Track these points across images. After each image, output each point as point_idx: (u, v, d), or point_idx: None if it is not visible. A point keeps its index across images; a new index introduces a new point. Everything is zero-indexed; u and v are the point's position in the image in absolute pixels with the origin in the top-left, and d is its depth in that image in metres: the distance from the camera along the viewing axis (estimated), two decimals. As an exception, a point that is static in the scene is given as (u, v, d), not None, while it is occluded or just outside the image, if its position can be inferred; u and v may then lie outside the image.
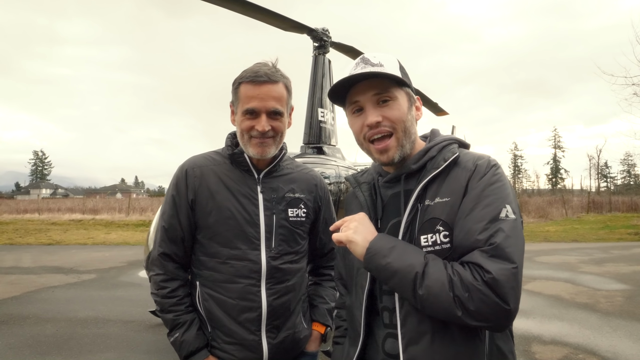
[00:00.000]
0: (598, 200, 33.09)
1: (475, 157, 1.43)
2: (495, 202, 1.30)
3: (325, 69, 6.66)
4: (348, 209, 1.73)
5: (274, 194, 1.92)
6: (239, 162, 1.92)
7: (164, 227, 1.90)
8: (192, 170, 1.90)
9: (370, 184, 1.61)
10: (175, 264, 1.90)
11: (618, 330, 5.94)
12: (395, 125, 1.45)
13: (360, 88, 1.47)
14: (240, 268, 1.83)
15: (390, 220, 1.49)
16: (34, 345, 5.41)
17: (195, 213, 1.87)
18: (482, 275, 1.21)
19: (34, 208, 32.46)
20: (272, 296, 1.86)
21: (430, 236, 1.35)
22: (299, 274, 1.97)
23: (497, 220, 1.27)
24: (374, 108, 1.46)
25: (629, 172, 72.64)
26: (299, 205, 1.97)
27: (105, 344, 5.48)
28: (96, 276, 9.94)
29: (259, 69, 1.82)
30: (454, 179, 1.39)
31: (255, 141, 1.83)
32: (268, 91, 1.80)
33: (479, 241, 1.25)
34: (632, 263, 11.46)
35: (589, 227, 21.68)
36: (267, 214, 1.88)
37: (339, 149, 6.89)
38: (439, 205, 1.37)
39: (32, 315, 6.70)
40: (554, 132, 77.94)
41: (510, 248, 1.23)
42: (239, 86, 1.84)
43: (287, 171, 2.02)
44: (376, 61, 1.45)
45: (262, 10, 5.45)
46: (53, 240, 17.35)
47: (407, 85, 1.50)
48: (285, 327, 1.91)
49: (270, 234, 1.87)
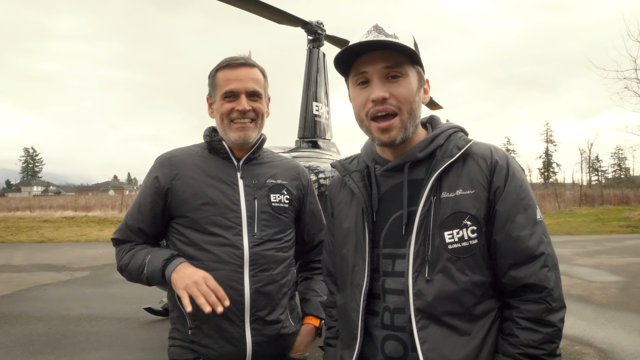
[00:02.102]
0: (590, 193, 33.31)
1: (489, 147, 1.39)
2: (530, 203, 1.33)
3: (319, 63, 6.59)
4: (334, 199, 1.62)
5: (254, 180, 1.86)
6: (217, 150, 1.87)
7: (125, 222, 1.91)
8: (169, 160, 1.86)
9: (362, 173, 1.48)
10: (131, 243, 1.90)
11: (613, 322, 5.97)
12: (401, 105, 1.33)
13: (370, 58, 1.32)
14: (221, 254, 1.75)
15: (392, 213, 1.39)
16: (25, 344, 5.33)
17: (172, 203, 1.82)
18: (548, 304, 1.27)
19: (25, 205, 32.19)
20: (255, 284, 1.77)
21: (456, 232, 1.29)
22: (284, 264, 1.88)
23: (536, 222, 1.32)
24: (382, 82, 1.33)
25: (619, 165, 73.17)
26: (282, 191, 1.91)
27: (99, 342, 5.42)
28: (89, 273, 9.86)
29: (235, 56, 1.83)
30: (473, 170, 1.33)
31: (235, 125, 1.79)
32: (246, 73, 1.80)
33: (529, 248, 1.29)
34: (625, 255, 11.54)
35: (581, 220, 21.81)
36: (249, 199, 1.82)
37: (334, 143, 6.84)
38: (463, 198, 1.30)
39: (23, 313, 6.62)
40: (546, 127, 78.31)
41: (554, 257, 1.33)
42: (215, 74, 1.84)
43: (267, 159, 1.97)
44: (391, 32, 1.33)
45: (255, 3, 5.37)
46: (45, 237, 17.20)
47: (419, 63, 1.39)
48: (271, 321, 1.81)
49: (252, 219, 1.81)
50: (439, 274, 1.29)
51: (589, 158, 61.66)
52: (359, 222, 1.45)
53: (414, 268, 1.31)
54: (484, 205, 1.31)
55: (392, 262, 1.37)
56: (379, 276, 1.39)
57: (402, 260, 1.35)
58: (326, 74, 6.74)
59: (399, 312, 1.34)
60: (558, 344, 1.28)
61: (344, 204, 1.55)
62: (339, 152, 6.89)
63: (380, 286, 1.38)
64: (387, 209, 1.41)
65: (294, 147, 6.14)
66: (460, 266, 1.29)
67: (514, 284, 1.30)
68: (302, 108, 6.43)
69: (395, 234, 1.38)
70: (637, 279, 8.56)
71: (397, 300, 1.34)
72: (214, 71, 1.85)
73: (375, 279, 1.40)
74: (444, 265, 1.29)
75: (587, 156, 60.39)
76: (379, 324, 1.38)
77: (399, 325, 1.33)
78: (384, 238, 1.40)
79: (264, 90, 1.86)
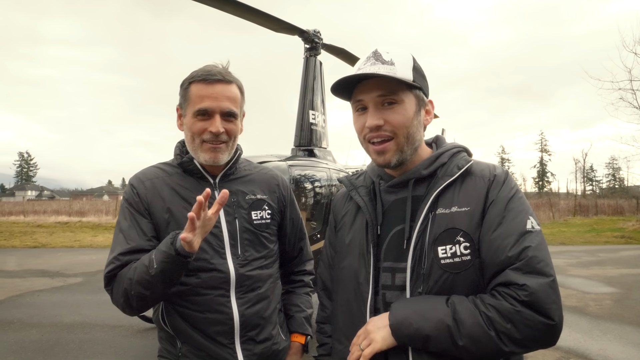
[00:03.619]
0: (584, 203, 33.49)
1: (489, 166, 1.41)
2: (520, 214, 1.29)
3: (316, 71, 6.61)
4: (339, 212, 1.64)
5: (233, 198, 1.78)
6: (190, 170, 1.78)
7: (116, 240, 1.67)
8: (142, 183, 1.75)
9: (368, 188, 1.53)
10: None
11: (608, 334, 5.97)
12: (396, 130, 1.38)
13: (367, 86, 1.39)
14: (206, 279, 1.68)
15: (394, 227, 1.42)
16: (18, 351, 5.29)
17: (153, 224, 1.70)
18: (518, 296, 1.18)
19: (19, 210, 31.96)
20: (243, 306, 1.72)
21: (449, 247, 1.30)
22: (270, 280, 1.83)
23: (525, 233, 1.26)
24: (377, 110, 1.38)
25: (614, 175, 73.65)
26: (262, 207, 1.84)
27: (92, 349, 5.38)
28: (83, 280, 9.78)
29: (211, 69, 1.71)
30: (471, 188, 1.35)
31: (207, 146, 1.69)
32: (222, 90, 1.68)
33: (510, 257, 1.23)
34: (619, 266, 11.58)
35: (575, 230, 21.89)
36: (229, 220, 1.75)
37: (330, 152, 6.85)
38: (458, 215, 1.32)
39: (16, 320, 6.56)
40: (541, 136, 78.69)
41: (543, 262, 1.22)
42: (189, 86, 1.71)
43: (244, 173, 1.89)
44: (388, 58, 1.36)
45: (253, 11, 5.40)
46: (39, 243, 17.07)
47: (418, 87, 1.41)
48: (262, 339, 1.77)
49: (234, 240, 1.74)
50: (432, 288, 1.30)
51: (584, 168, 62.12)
52: (362, 236, 1.47)
53: (411, 282, 1.33)
54: (478, 222, 1.31)
55: (391, 275, 1.39)
56: (379, 289, 1.41)
57: (401, 274, 1.36)
58: (322, 83, 6.76)
59: None
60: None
61: (348, 217, 1.58)
62: (334, 160, 6.90)
63: (381, 299, 1.40)
64: (389, 223, 1.44)
65: (290, 156, 6.15)
66: (452, 281, 1.29)
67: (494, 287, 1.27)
68: (298, 116, 6.44)
69: (396, 247, 1.40)
70: (631, 291, 8.59)
71: None
72: (187, 82, 1.72)
73: (376, 292, 1.41)
74: (437, 280, 1.30)
75: (581, 166, 60.84)
76: None
77: None
78: (384, 251, 1.42)
79: (239, 109, 1.76)
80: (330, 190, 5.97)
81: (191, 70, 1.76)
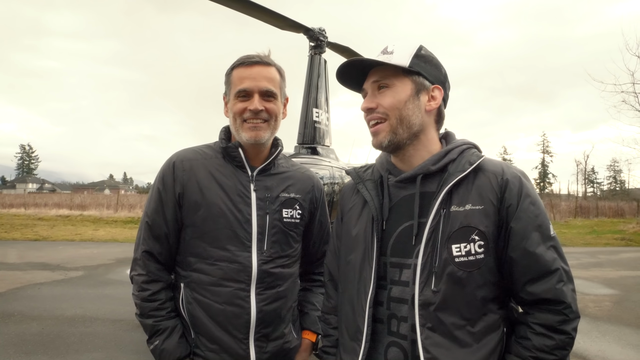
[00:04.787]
0: (585, 205, 33.49)
1: (502, 165, 1.42)
2: (544, 220, 1.35)
3: (321, 69, 6.61)
4: (346, 204, 1.65)
5: (267, 193, 1.80)
6: (232, 157, 1.80)
7: (147, 224, 1.78)
8: (181, 163, 1.79)
9: (376, 182, 1.53)
10: (159, 265, 1.78)
11: (607, 335, 5.99)
12: (388, 112, 1.44)
13: (369, 77, 1.49)
14: (229, 271, 1.71)
15: (402, 222, 1.43)
16: (19, 344, 5.30)
17: (182, 209, 1.76)
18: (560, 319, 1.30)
19: (20, 203, 32.01)
20: (262, 302, 1.74)
21: (463, 245, 1.32)
22: (290, 279, 1.86)
23: (550, 239, 1.35)
24: (372, 94, 1.48)
25: (615, 178, 73.62)
26: (294, 206, 1.86)
27: (92, 343, 5.40)
28: (84, 273, 9.81)
29: (251, 54, 1.80)
30: (484, 186, 1.36)
31: (248, 125, 1.74)
32: (260, 71, 1.75)
33: (545, 264, 1.32)
34: (619, 268, 11.59)
35: (576, 232, 21.89)
36: (260, 214, 1.77)
37: (332, 150, 6.85)
38: (472, 213, 1.33)
39: (17, 312, 6.58)
40: (543, 137, 78.75)
41: (570, 273, 1.35)
42: (231, 72, 1.80)
43: (282, 169, 1.91)
44: (390, 49, 1.45)
45: (260, 9, 5.39)
46: (40, 235, 17.10)
47: (417, 73, 1.44)
48: (275, 337, 1.80)
49: (262, 236, 1.76)
50: (445, 285, 1.31)
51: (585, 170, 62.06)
52: (368, 230, 1.48)
53: (421, 279, 1.34)
54: (492, 221, 1.33)
55: (399, 271, 1.41)
56: (385, 284, 1.43)
57: (408, 270, 1.38)
58: (327, 81, 6.76)
59: (404, 320, 1.37)
60: (569, 352, 1.32)
61: (354, 210, 1.59)
62: (337, 158, 6.91)
63: (386, 294, 1.42)
64: (397, 218, 1.45)
65: (293, 153, 6.15)
66: (466, 279, 1.31)
67: (531, 298, 1.33)
68: (302, 114, 6.44)
69: (404, 243, 1.41)
70: (631, 293, 8.60)
71: (403, 309, 1.38)
72: (230, 69, 1.80)
73: (381, 286, 1.43)
74: (450, 278, 1.31)
75: (583, 168, 60.78)
76: (384, 330, 1.41)
77: (404, 333, 1.37)
78: (391, 247, 1.43)
79: (279, 90, 1.80)
80: (333, 189, 5.97)
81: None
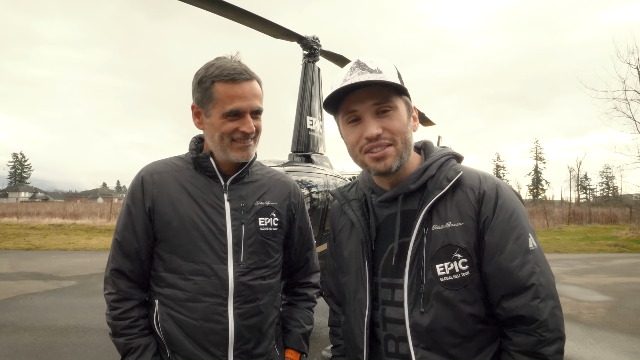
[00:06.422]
0: (578, 211, 33.66)
1: (479, 176, 1.39)
2: (521, 232, 1.31)
3: (314, 77, 6.63)
4: (336, 226, 1.63)
5: (242, 202, 1.75)
6: (203, 167, 1.75)
7: (116, 240, 1.72)
8: (150, 176, 1.73)
9: (361, 201, 1.50)
10: (130, 282, 1.72)
11: (601, 342, 6.00)
12: (395, 137, 1.35)
13: (358, 96, 1.35)
14: (204, 285, 1.65)
15: (389, 242, 1.41)
16: (11, 354, 5.25)
17: (154, 224, 1.70)
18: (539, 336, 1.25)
19: (12, 212, 31.71)
20: (240, 317, 1.67)
21: (447, 264, 1.30)
22: (271, 292, 1.78)
23: (528, 252, 1.30)
24: (374, 119, 1.35)
25: (607, 184, 74.09)
26: (270, 214, 1.79)
27: (85, 353, 5.35)
28: (77, 283, 9.74)
29: (234, 66, 1.66)
30: (462, 202, 1.34)
31: (237, 145, 1.68)
32: (250, 89, 1.66)
33: (519, 279, 1.27)
34: (612, 274, 11.64)
35: (569, 238, 21.97)
36: (235, 224, 1.71)
37: (327, 158, 6.86)
38: (452, 231, 1.31)
39: (9, 323, 6.51)
40: (536, 144, 79.05)
41: (550, 289, 1.29)
42: (211, 85, 1.65)
43: (256, 177, 1.85)
44: (374, 67, 1.34)
45: (253, 17, 5.41)
46: (32, 245, 16.96)
47: (406, 93, 1.40)
48: (257, 354, 1.72)
49: (238, 247, 1.69)
50: (433, 306, 1.30)
51: (578, 176, 62.39)
52: (358, 251, 1.47)
53: (409, 300, 1.33)
54: (473, 237, 1.31)
55: (391, 291, 1.39)
56: (378, 305, 1.41)
57: (400, 290, 1.36)
58: (320, 89, 6.78)
59: (402, 340, 1.36)
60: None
61: (344, 232, 1.58)
62: (331, 166, 6.92)
63: (380, 315, 1.40)
64: (385, 238, 1.43)
65: (287, 161, 6.16)
66: (453, 298, 1.30)
67: (506, 315, 1.30)
68: (296, 122, 6.45)
69: (392, 263, 1.40)
70: (625, 299, 8.64)
71: (399, 329, 1.36)
72: (210, 81, 1.65)
73: (375, 307, 1.42)
74: (437, 298, 1.30)
75: (575, 174, 61.11)
76: (382, 351, 1.40)
77: (403, 353, 1.35)
78: (382, 267, 1.42)
79: (262, 104, 1.74)
80: (327, 197, 5.98)
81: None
